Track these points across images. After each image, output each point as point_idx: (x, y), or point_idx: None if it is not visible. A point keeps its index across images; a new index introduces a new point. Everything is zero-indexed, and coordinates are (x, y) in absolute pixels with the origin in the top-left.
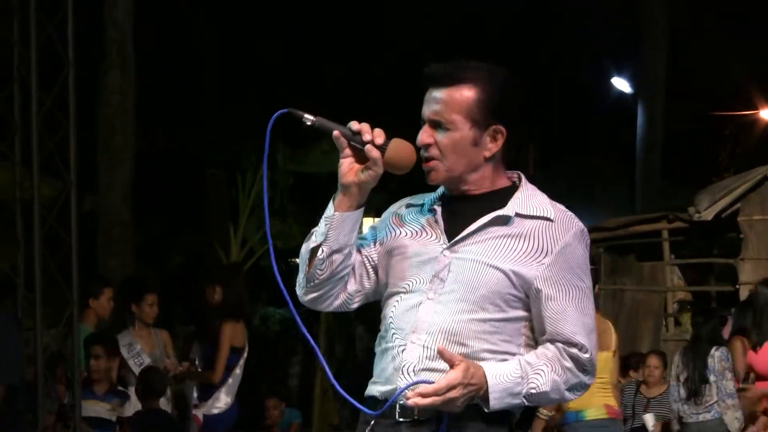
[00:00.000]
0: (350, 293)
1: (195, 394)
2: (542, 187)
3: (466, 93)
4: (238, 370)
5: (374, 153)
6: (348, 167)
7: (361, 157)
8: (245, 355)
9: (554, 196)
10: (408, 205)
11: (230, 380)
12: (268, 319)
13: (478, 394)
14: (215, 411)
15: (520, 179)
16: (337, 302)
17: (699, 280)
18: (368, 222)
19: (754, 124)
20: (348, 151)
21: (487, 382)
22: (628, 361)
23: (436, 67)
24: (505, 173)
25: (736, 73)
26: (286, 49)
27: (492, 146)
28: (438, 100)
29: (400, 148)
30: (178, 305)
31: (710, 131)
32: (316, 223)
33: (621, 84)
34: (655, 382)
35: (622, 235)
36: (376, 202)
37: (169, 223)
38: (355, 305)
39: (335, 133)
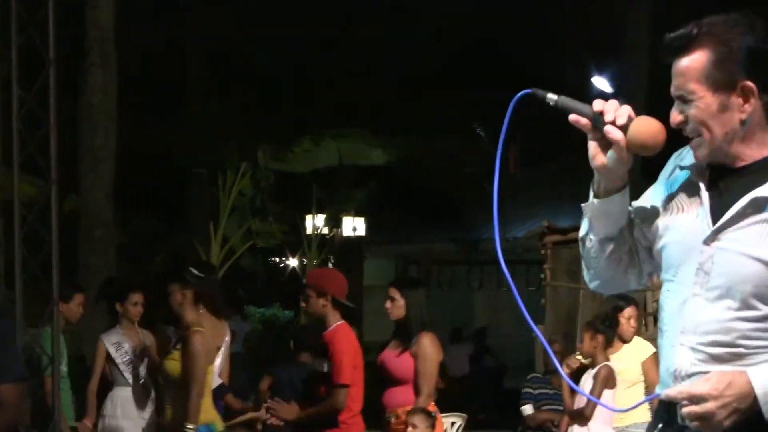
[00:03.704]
0: (635, 275)
1: None
2: (527, 187)
3: (701, 56)
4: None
5: (613, 135)
6: (595, 150)
7: (606, 140)
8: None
9: (539, 196)
10: (680, 168)
11: None
12: (248, 318)
13: (744, 405)
14: None
15: None
16: (624, 287)
17: None
18: (349, 220)
19: None
20: (593, 133)
21: (753, 389)
22: None
23: (669, 35)
24: None
25: None
26: (270, 49)
27: (746, 107)
28: (677, 72)
29: (641, 127)
30: (159, 305)
31: None
32: (296, 223)
33: (601, 83)
34: None
35: None
36: (355, 198)
37: (152, 223)
38: (644, 282)
39: (571, 118)
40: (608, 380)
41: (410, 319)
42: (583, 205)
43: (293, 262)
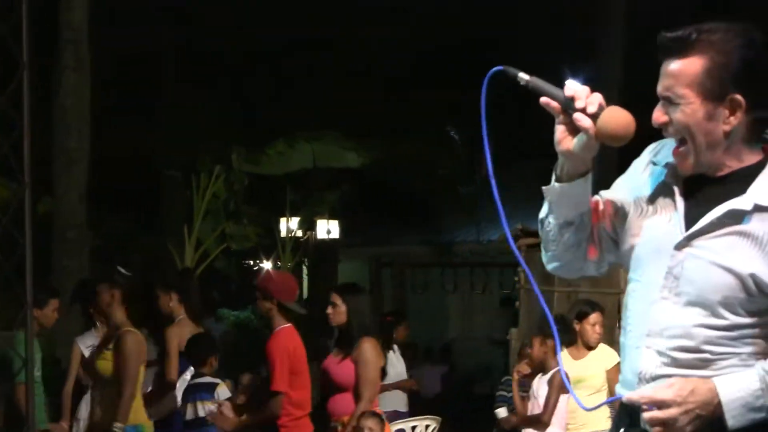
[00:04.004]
0: (593, 261)
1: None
2: (500, 190)
3: (696, 63)
4: (187, 375)
5: (583, 123)
6: (561, 135)
7: (575, 125)
8: None
9: (513, 198)
10: (654, 164)
11: (178, 383)
12: (221, 321)
13: (707, 412)
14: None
15: None
16: (582, 271)
17: None
18: (323, 223)
19: None
20: (562, 117)
21: (719, 397)
22: None
23: (667, 35)
24: (755, 147)
25: None
26: (245, 51)
27: (731, 119)
28: (668, 73)
29: (612, 117)
30: (133, 307)
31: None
32: (271, 226)
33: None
34: None
35: None
36: (329, 201)
37: (126, 225)
38: (602, 270)
39: (542, 100)
40: (563, 385)
41: (352, 325)
42: (544, 188)
43: (267, 264)
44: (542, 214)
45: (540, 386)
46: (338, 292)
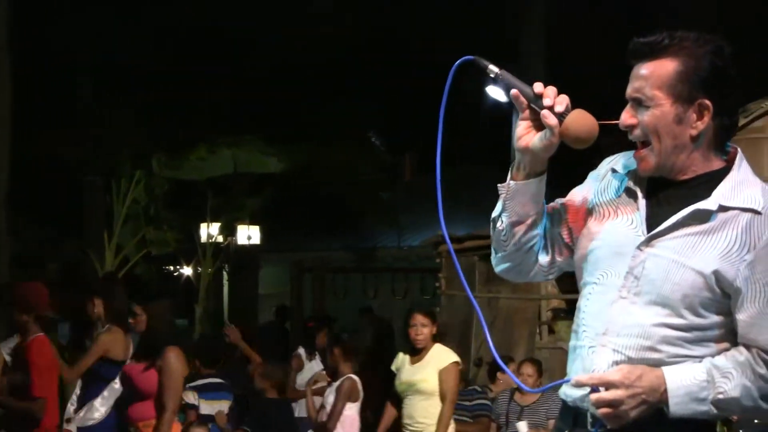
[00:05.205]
0: (543, 265)
1: (72, 407)
2: (422, 195)
3: (667, 65)
4: (116, 384)
5: (550, 120)
6: (523, 131)
7: (539, 123)
8: None
9: (433, 206)
10: (613, 171)
11: (106, 392)
12: None
13: (653, 398)
14: (90, 422)
15: (733, 159)
16: (531, 274)
17: (573, 289)
18: (244, 228)
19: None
20: (527, 113)
21: (666, 384)
22: (497, 367)
23: (639, 40)
24: (718, 153)
25: (617, 83)
26: (163, 55)
27: (698, 123)
28: (638, 76)
29: (579, 119)
30: (52, 313)
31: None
32: (191, 231)
33: (496, 93)
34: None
35: None
36: (249, 207)
37: (45, 231)
38: (552, 277)
39: (513, 92)
40: (351, 393)
41: (153, 334)
42: (499, 185)
43: (188, 270)
44: (495, 213)
45: (330, 393)
46: (138, 302)
